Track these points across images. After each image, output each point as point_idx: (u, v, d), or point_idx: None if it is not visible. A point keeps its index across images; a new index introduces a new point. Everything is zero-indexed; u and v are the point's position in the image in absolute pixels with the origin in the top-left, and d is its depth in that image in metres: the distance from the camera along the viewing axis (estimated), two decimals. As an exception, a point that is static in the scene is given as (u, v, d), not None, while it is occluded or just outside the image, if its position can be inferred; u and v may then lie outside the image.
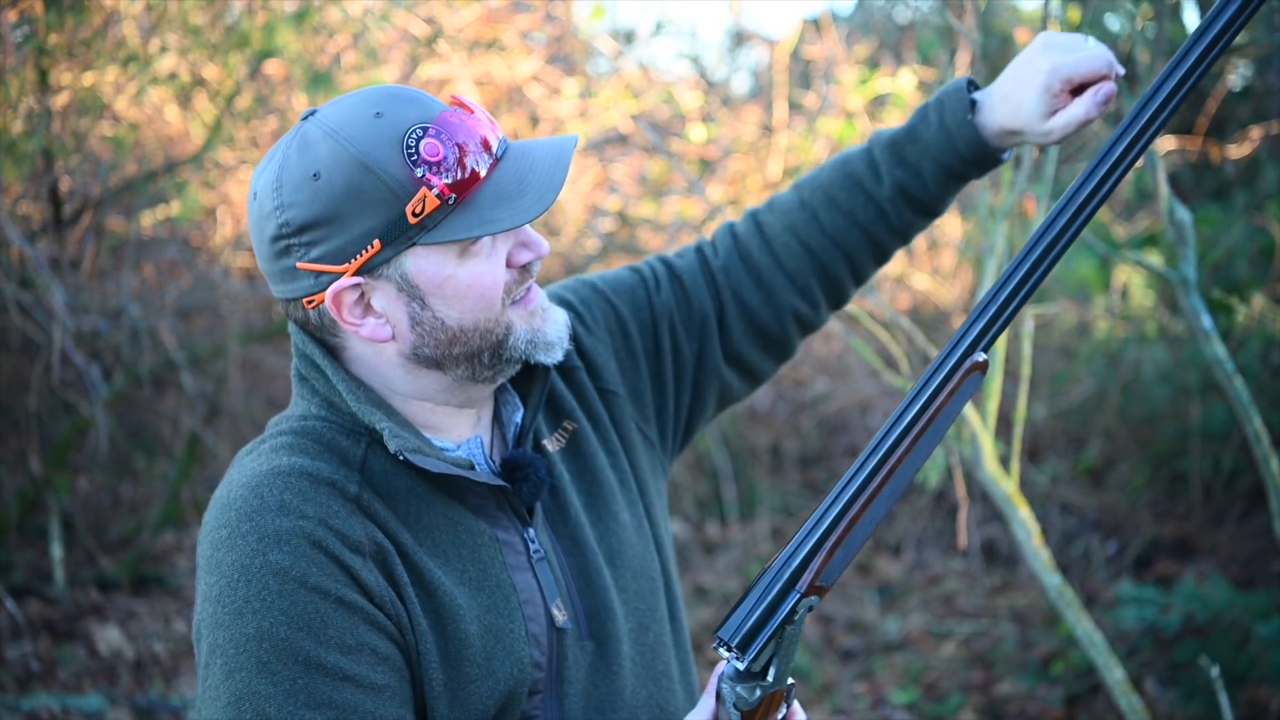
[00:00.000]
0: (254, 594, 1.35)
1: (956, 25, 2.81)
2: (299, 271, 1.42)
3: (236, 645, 1.35)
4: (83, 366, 3.99)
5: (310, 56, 4.39)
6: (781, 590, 1.37)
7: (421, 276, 1.42)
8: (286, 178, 1.40)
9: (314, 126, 1.41)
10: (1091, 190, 1.40)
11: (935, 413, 1.40)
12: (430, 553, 1.45)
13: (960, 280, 6.21)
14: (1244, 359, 4.26)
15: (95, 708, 3.75)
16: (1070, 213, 1.40)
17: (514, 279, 1.46)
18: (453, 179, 1.37)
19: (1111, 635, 4.03)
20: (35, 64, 3.76)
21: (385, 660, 1.39)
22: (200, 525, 1.46)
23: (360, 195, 1.37)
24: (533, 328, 1.49)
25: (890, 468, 1.40)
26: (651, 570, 1.66)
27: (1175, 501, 5.06)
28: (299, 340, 1.49)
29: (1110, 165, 1.40)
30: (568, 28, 6.13)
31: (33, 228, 4.42)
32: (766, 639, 1.37)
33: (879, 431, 1.41)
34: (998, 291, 1.41)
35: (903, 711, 4.14)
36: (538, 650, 1.49)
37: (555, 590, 1.53)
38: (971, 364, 1.41)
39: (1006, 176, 2.66)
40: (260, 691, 1.33)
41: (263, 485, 1.39)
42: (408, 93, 1.42)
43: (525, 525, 1.53)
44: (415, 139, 1.37)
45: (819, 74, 6.24)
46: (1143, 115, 1.40)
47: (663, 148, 2.90)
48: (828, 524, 1.38)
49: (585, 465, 1.64)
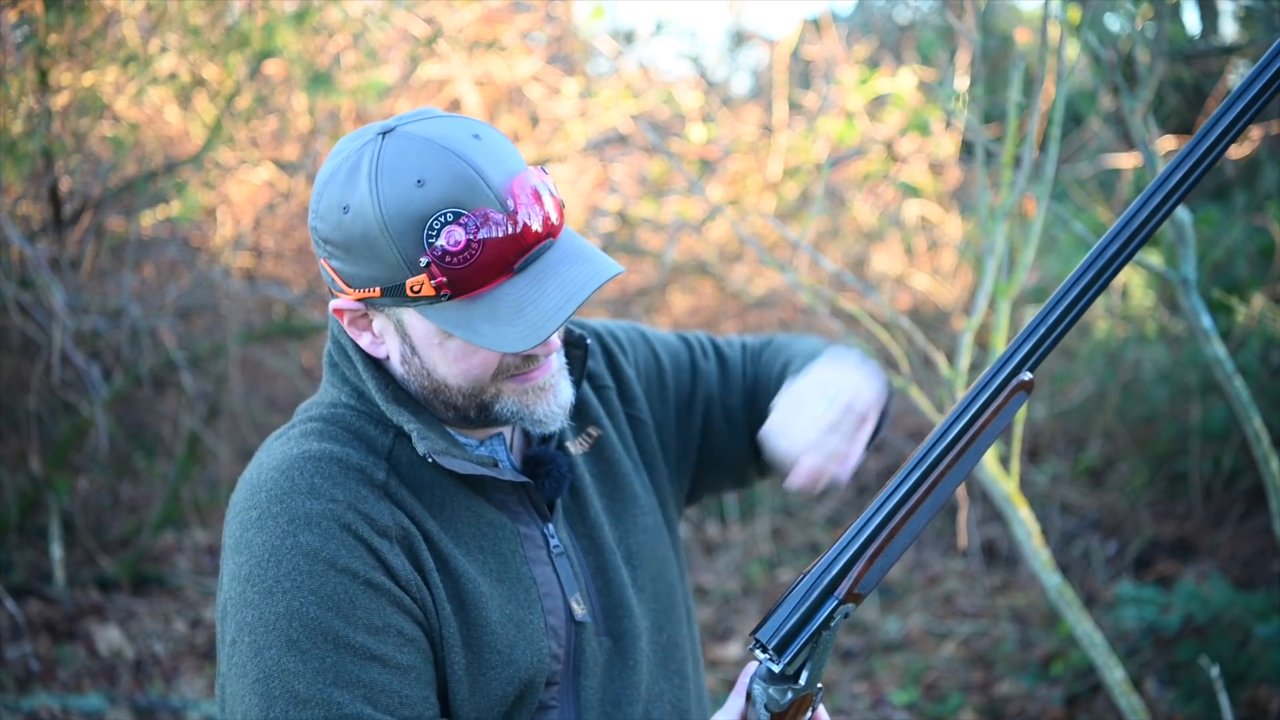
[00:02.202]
0: (284, 574, 1.38)
1: (956, 25, 2.81)
2: (324, 267, 1.46)
3: (266, 624, 1.38)
4: (83, 366, 3.99)
5: (310, 56, 4.39)
6: (821, 595, 1.39)
7: (415, 332, 1.44)
8: (328, 193, 1.42)
9: (370, 155, 1.40)
10: (1150, 212, 1.38)
11: (980, 429, 1.42)
12: (454, 541, 1.48)
13: (960, 280, 6.21)
14: (1244, 359, 4.26)
15: (95, 708, 3.75)
16: (1123, 239, 1.39)
17: (515, 362, 1.47)
18: (455, 276, 1.36)
19: (1111, 635, 4.03)
20: (35, 64, 3.76)
21: (411, 642, 1.42)
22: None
23: (372, 248, 1.38)
24: (523, 404, 1.49)
25: (933, 481, 1.41)
26: (669, 575, 1.69)
27: (1175, 501, 5.06)
28: (335, 327, 1.53)
29: (1179, 179, 1.37)
30: (568, 28, 6.13)
31: (33, 228, 4.42)
32: (803, 643, 1.38)
33: (924, 444, 1.42)
34: (1048, 313, 1.42)
35: (903, 711, 4.14)
36: (555, 642, 1.52)
37: (574, 585, 1.56)
38: (1018, 383, 1.42)
39: (1006, 177, 2.66)
40: (289, 669, 1.37)
41: (293, 468, 1.43)
42: (466, 168, 1.37)
43: (545, 520, 1.56)
44: (441, 223, 1.35)
45: (819, 74, 6.24)
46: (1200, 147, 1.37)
47: (663, 148, 2.90)
48: (870, 532, 1.40)
49: (609, 470, 1.68)
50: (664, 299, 6.45)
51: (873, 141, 5.65)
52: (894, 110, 5.68)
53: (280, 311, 5.26)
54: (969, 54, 4.46)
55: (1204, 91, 4.86)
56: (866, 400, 1.58)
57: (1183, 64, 4.62)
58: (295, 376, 5.37)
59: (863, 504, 5.94)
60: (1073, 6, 4.27)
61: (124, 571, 4.75)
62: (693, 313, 6.65)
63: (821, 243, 6.26)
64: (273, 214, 5.17)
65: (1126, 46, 2.90)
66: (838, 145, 5.70)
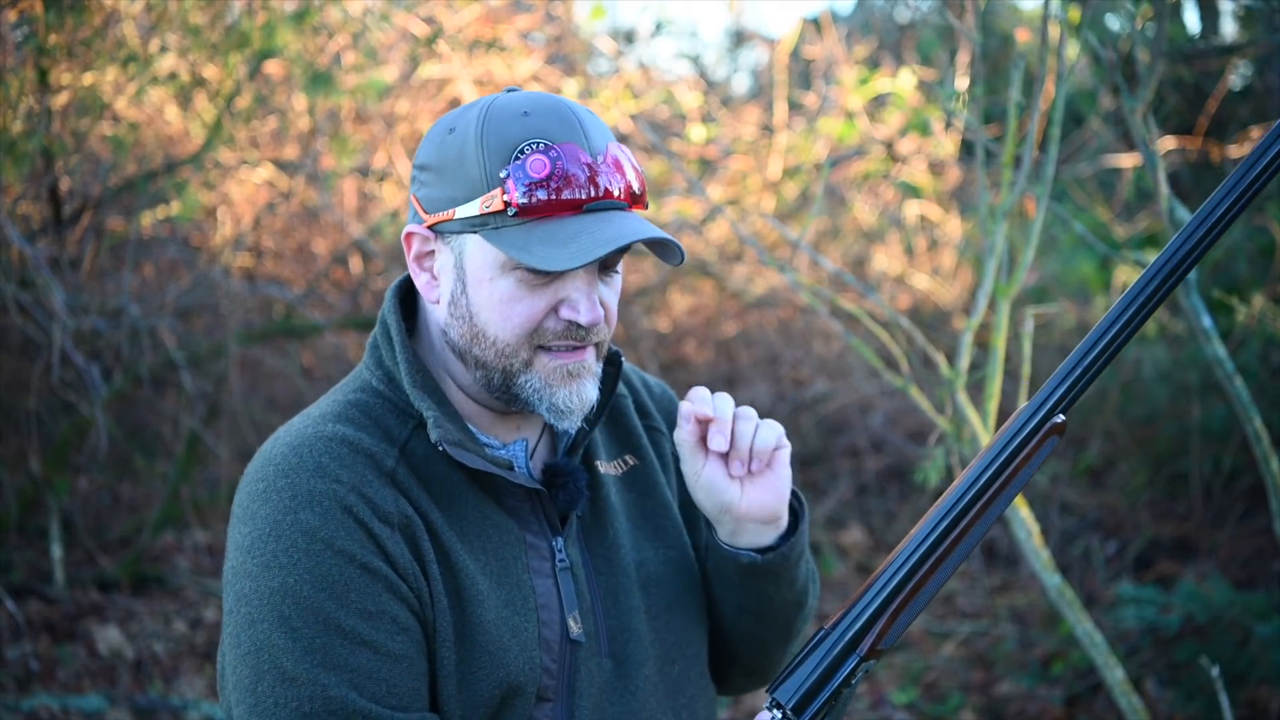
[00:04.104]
0: (282, 549, 1.40)
1: (957, 25, 2.81)
2: (411, 203, 1.52)
3: (261, 596, 1.40)
4: (83, 366, 4.00)
5: (310, 56, 4.39)
6: (842, 653, 1.37)
7: (471, 263, 1.46)
8: (440, 123, 1.51)
9: (490, 98, 1.49)
10: (1195, 244, 1.39)
11: (1012, 474, 1.38)
12: (459, 536, 1.48)
13: (960, 280, 6.22)
14: (1244, 359, 4.26)
15: (95, 708, 3.75)
16: (1158, 281, 1.40)
17: (557, 328, 1.47)
18: (527, 200, 1.41)
19: (1111, 635, 4.03)
20: (35, 64, 3.76)
21: (405, 630, 1.42)
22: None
23: (462, 164, 1.44)
24: (547, 382, 1.48)
25: (961, 532, 1.38)
26: (690, 610, 1.65)
27: (1175, 501, 5.06)
28: (386, 307, 1.55)
29: (1224, 210, 1.39)
30: (568, 28, 6.13)
31: (33, 228, 4.43)
32: (823, 702, 1.36)
33: (953, 493, 1.38)
34: (1085, 354, 1.39)
35: (903, 711, 4.14)
36: (549, 656, 1.50)
37: (575, 602, 1.53)
38: (1051, 426, 1.39)
39: (1006, 176, 2.66)
40: (278, 645, 1.38)
41: (304, 446, 1.45)
42: (571, 114, 1.46)
43: (555, 534, 1.54)
44: (532, 148, 1.42)
45: (819, 74, 6.24)
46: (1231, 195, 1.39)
47: (663, 148, 2.90)
48: (894, 587, 1.37)
49: (642, 498, 1.66)
50: (664, 299, 6.45)
51: (873, 141, 5.65)
52: (894, 110, 5.68)
53: (280, 311, 5.27)
54: (969, 54, 4.46)
55: (1204, 91, 4.86)
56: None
57: (1183, 64, 4.62)
58: (295, 376, 5.37)
59: (864, 505, 5.95)
60: (1073, 6, 4.27)
61: (124, 571, 4.75)
62: (693, 313, 6.65)
63: (821, 243, 6.26)
64: (273, 214, 5.17)
65: (1126, 46, 2.90)
66: (838, 145, 5.70)
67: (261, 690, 1.38)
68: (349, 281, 5.41)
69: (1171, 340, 5.11)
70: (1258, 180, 1.37)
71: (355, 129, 4.84)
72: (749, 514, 1.54)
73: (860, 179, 6.02)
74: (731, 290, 6.10)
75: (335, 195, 5.17)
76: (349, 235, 5.14)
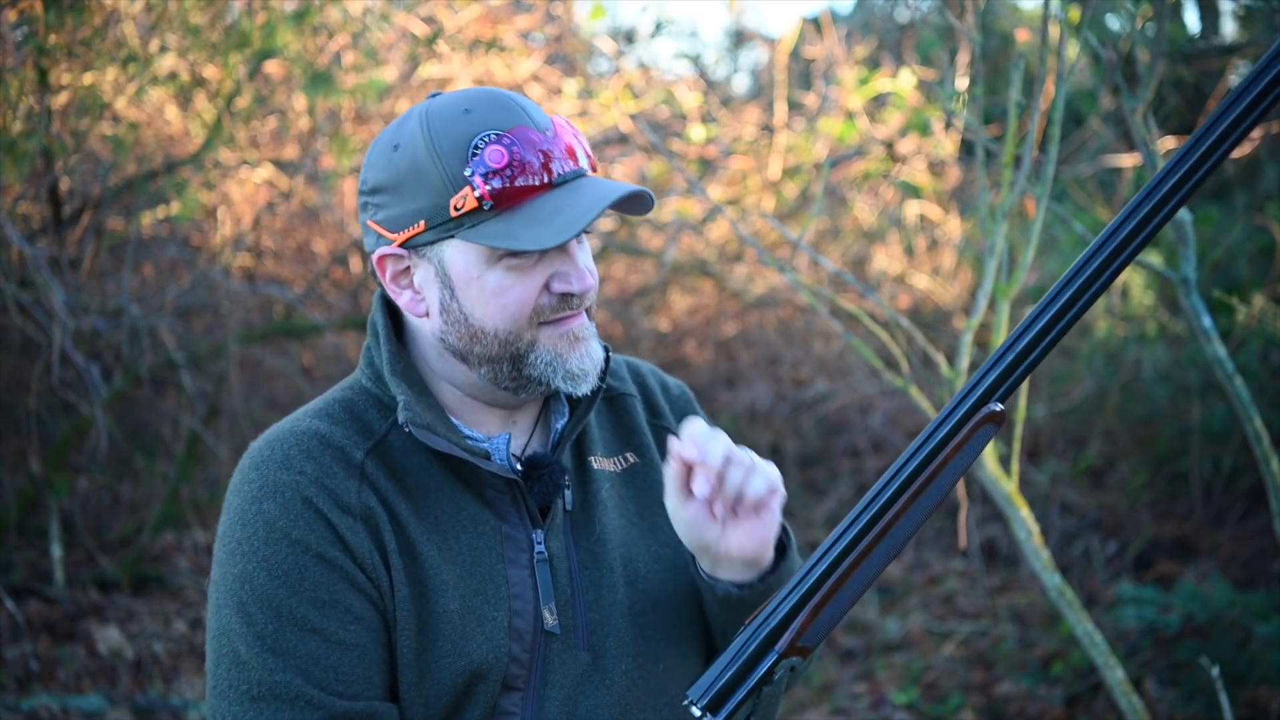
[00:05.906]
0: (245, 538, 1.45)
1: (957, 25, 2.81)
2: (368, 229, 1.52)
3: (226, 582, 1.46)
4: (83, 366, 4.00)
5: (310, 56, 4.39)
6: (758, 650, 1.33)
7: (454, 268, 1.47)
8: (379, 143, 1.52)
9: (422, 107, 1.50)
10: (1132, 230, 1.30)
11: (939, 466, 1.29)
12: (428, 528, 1.49)
13: (960, 280, 6.22)
14: (1244, 359, 4.26)
15: (95, 708, 3.75)
16: (1102, 258, 1.33)
17: (551, 303, 1.49)
18: (497, 188, 1.43)
19: (1111, 635, 4.03)
20: (35, 64, 3.76)
21: (359, 620, 1.45)
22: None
23: (419, 176, 1.45)
24: (556, 351, 1.50)
25: (885, 525, 1.31)
26: (680, 607, 1.63)
27: (1175, 501, 5.06)
28: (374, 312, 1.58)
29: (1158, 200, 1.28)
30: (568, 28, 6.13)
31: (33, 228, 4.42)
32: (741, 700, 1.32)
33: (876, 484, 1.32)
34: (1018, 337, 1.32)
35: (903, 711, 4.14)
36: (519, 645, 1.50)
37: (551, 594, 1.53)
38: (986, 414, 1.29)
39: (1006, 176, 2.66)
40: (234, 629, 1.44)
41: (278, 441, 1.50)
42: (511, 100, 1.48)
43: (536, 526, 1.54)
44: (485, 141, 1.43)
45: (819, 74, 6.24)
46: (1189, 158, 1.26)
47: (663, 148, 2.90)
48: (811, 583, 1.32)
49: (640, 496, 1.66)
50: (664, 299, 6.46)
51: (873, 141, 5.65)
52: (894, 110, 5.68)
53: (280, 311, 5.27)
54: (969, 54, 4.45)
55: (1204, 91, 4.86)
56: None
57: (1183, 64, 4.62)
58: (295, 376, 5.37)
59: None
60: (1073, 6, 4.27)
61: (124, 571, 4.75)
62: (693, 313, 6.65)
63: (821, 243, 6.26)
64: (273, 214, 5.17)
65: (1126, 46, 2.89)
66: (838, 145, 5.70)
67: (220, 672, 1.44)
68: (349, 281, 5.41)
69: (1171, 340, 5.11)
70: (1190, 176, 1.26)
71: (355, 129, 4.84)
72: (728, 555, 1.48)
73: (860, 179, 6.03)
74: (731, 290, 6.10)
75: (335, 195, 5.17)
76: (349, 235, 5.14)
